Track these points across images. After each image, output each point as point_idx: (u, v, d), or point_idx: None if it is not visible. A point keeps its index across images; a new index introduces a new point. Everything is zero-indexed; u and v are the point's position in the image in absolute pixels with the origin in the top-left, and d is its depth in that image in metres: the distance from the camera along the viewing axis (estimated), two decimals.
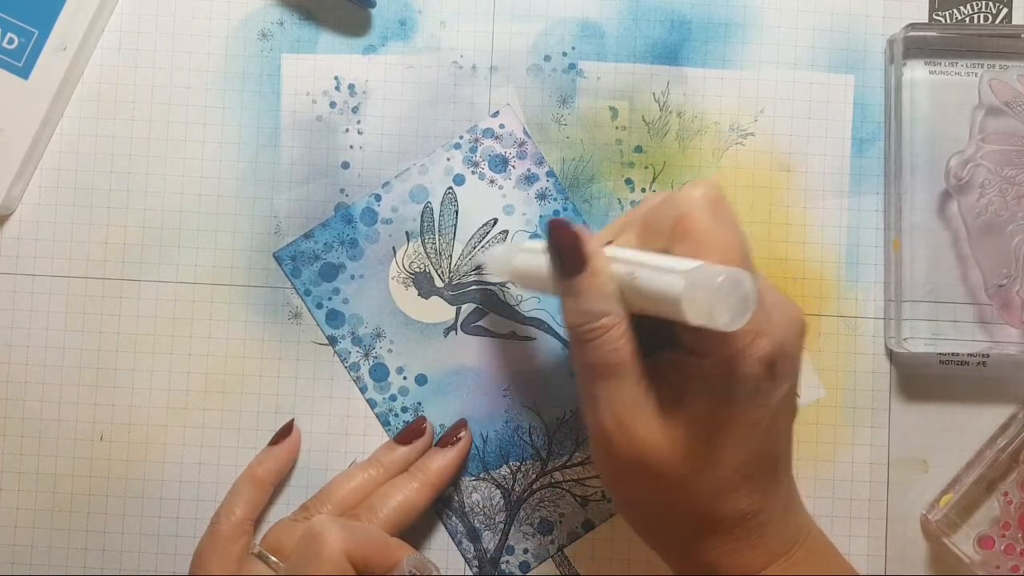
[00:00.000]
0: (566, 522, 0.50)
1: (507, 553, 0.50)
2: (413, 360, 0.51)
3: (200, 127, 0.51)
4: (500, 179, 0.51)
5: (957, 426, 0.51)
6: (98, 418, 0.51)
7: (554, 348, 0.51)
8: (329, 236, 0.51)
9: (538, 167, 0.51)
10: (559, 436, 0.51)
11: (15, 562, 0.50)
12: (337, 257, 0.51)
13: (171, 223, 0.51)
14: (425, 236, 0.51)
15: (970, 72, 0.51)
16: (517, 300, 0.51)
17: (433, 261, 0.51)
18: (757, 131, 0.52)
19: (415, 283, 0.51)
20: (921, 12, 0.52)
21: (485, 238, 0.51)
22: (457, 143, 0.51)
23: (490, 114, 0.51)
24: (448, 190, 0.51)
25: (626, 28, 0.52)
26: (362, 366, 0.51)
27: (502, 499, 0.50)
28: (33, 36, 0.49)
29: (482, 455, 0.50)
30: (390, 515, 0.47)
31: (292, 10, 0.52)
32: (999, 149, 0.50)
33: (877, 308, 0.51)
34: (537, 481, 0.50)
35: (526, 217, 0.51)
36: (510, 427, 0.51)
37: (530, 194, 0.51)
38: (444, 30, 0.51)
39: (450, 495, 0.50)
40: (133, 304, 0.51)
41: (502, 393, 0.51)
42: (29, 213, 0.51)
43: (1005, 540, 0.50)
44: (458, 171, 0.51)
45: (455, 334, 0.51)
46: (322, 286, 0.51)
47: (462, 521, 0.50)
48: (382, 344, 0.51)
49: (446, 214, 0.51)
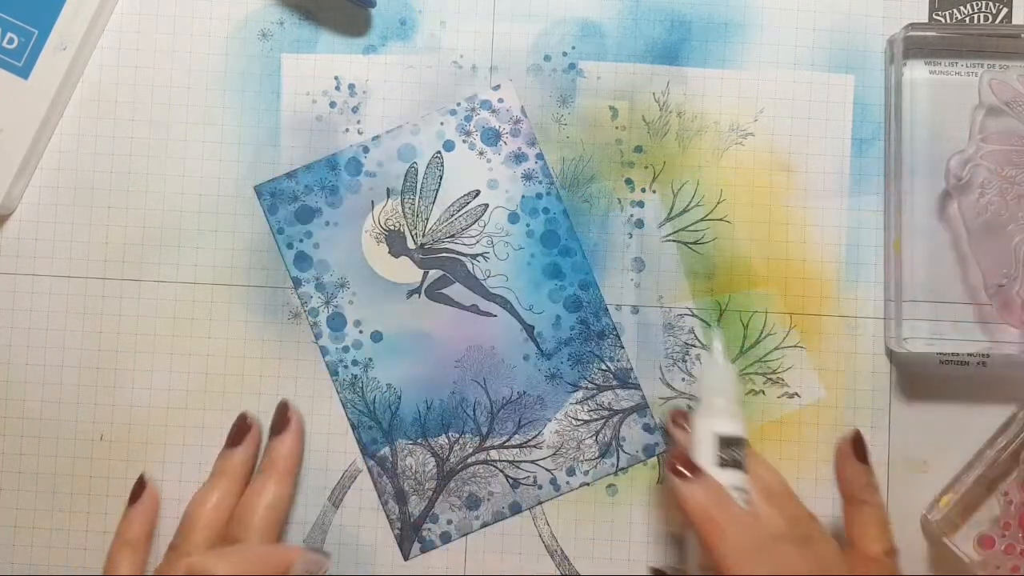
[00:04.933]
0: (494, 501, 0.51)
1: (431, 521, 0.50)
2: (372, 316, 0.51)
3: (200, 127, 0.51)
4: (490, 152, 0.51)
5: (957, 426, 0.51)
6: (98, 418, 0.51)
7: (513, 328, 0.51)
8: (311, 179, 0.51)
9: (529, 148, 0.51)
10: (502, 416, 0.51)
11: (15, 562, 0.50)
12: (316, 201, 0.51)
13: (171, 223, 0.51)
14: (405, 196, 0.51)
15: (970, 72, 0.51)
16: (484, 275, 0.51)
17: (409, 221, 0.51)
18: (757, 131, 0.52)
19: (387, 240, 0.51)
20: (921, 12, 0.52)
21: (464, 208, 0.51)
22: (453, 110, 0.51)
23: (491, 86, 0.51)
24: (436, 154, 0.51)
25: (626, 28, 0.52)
26: (321, 312, 0.51)
27: (435, 467, 0.51)
28: (33, 36, 0.49)
29: (423, 420, 0.51)
30: (264, 521, 0.47)
31: (292, 10, 0.52)
32: (999, 149, 0.50)
33: (877, 308, 0.51)
34: (473, 456, 0.51)
35: (508, 195, 0.51)
36: (455, 398, 0.51)
37: (516, 172, 0.51)
38: (444, 30, 0.51)
39: (384, 455, 0.50)
40: (133, 304, 0.51)
41: (454, 364, 0.51)
42: (29, 213, 0.51)
43: (1005, 540, 0.50)
44: (449, 137, 0.51)
45: (418, 297, 0.51)
46: (296, 227, 0.51)
47: (392, 481, 0.50)
48: (344, 295, 0.51)
49: (430, 177, 0.51)
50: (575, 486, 0.51)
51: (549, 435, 0.51)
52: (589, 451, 0.51)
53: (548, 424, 0.51)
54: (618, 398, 0.51)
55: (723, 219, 0.51)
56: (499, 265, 0.51)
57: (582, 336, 0.51)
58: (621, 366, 0.51)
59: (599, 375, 0.51)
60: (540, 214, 0.51)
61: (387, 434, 0.50)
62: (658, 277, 0.51)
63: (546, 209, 0.51)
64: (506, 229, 0.51)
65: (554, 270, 0.51)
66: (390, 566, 0.50)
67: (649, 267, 0.51)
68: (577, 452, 0.51)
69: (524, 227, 0.51)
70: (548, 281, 0.51)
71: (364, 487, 0.51)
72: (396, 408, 0.51)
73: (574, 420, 0.51)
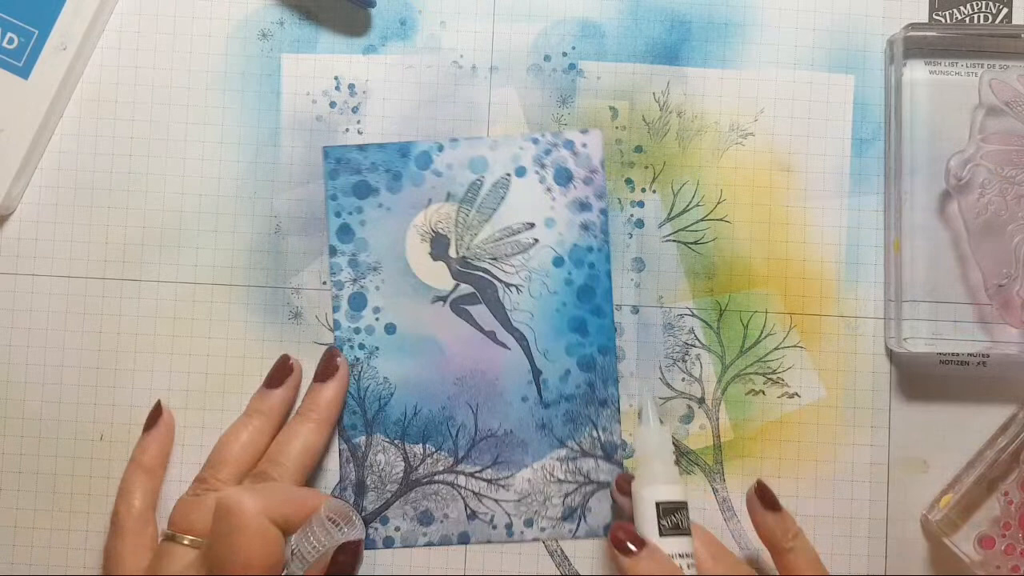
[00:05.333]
0: (446, 524, 0.50)
1: (380, 522, 0.50)
2: (393, 308, 0.51)
3: (200, 127, 0.51)
4: (557, 191, 0.51)
5: (957, 426, 0.51)
6: (98, 418, 0.51)
7: (522, 367, 0.51)
8: (380, 158, 0.51)
9: (597, 200, 0.51)
10: (482, 446, 0.50)
11: (15, 562, 0.50)
12: (377, 181, 0.51)
13: (171, 223, 0.51)
14: (463, 205, 0.51)
15: (970, 72, 0.51)
16: (512, 306, 0.51)
17: (458, 230, 0.51)
18: (757, 131, 0.52)
19: (432, 241, 0.51)
20: (921, 12, 0.52)
21: (515, 235, 0.51)
22: (536, 138, 0.51)
23: (580, 130, 0.51)
24: (506, 175, 0.51)
25: (626, 28, 0.52)
26: (346, 287, 0.51)
27: (403, 472, 0.50)
28: (33, 36, 0.49)
29: (406, 423, 0.50)
30: (296, 463, 0.47)
31: (292, 10, 0.52)
32: (999, 149, 0.50)
33: (877, 308, 0.51)
34: (442, 474, 0.50)
35: (561, 237, 0.51)
36: (444, 413, 0.50)
37: (576, 219, 0.51)
38: (444, 30, 0.51)
39: (359, 443, 0.50)
40: (133, 304, 0.51)
41: (454, 380, 0.51)
42: (29, 213, 0.51)
43: (1005, 540, 0.50)
44: (524, 163, 0.51)
45: (442, 305, 0.51)
46: (350, 199, 0.51)
47: (357, 471, 0.50)
48: (373, 279, 0.51)
49: (493, 196, 0.51)
50: (527, 538, 0.50)
51: (521, 481, 0.50)
52: (553, 509, 0.50)
53: (523, 470, 0.50)
54: (598, 469, 0.50)
55: (723, 219, 0.51)
56: (529, 302, 0.51)
57: (585, 397, 0.51)
58: (612, 440, 0.50)
59: (588, 441, 0.50)
60: (585, 267, 0.51)
61: (368, 425, 0.50)
62: (658, 277, 0.51)
63: (592, 264, 0.51)
64: (548, 270, 0.51)
65: (579, 325, 0.51)
66: None
67: (649, 267, 0.51)
68: (541, 506, 0.50)
69: (565, 274, 0.51)
70: (570, 334, 0.51)
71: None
72: (385, 403, 0.50)
73: (549, 475, 0.50)
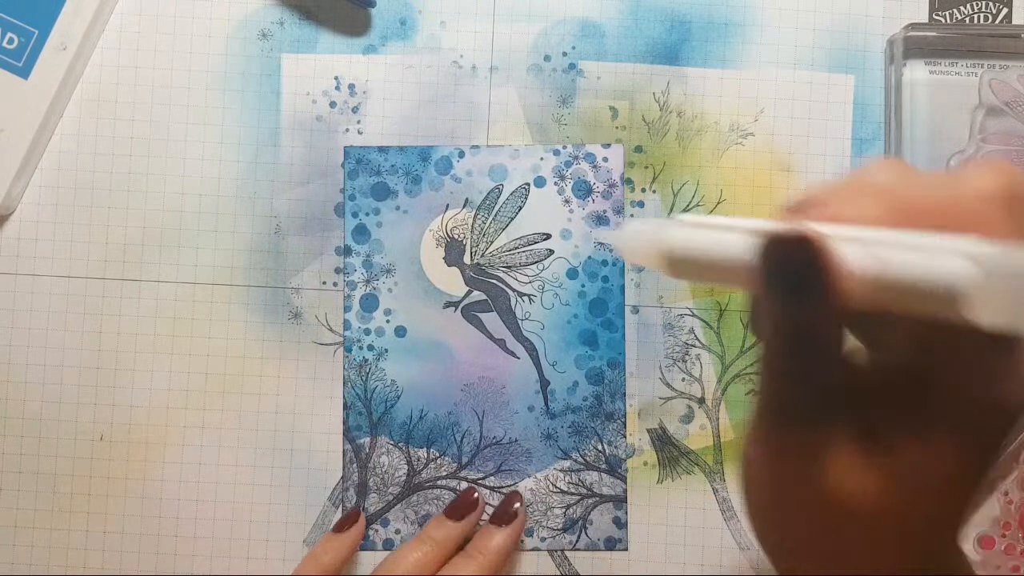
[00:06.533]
0: None
1: (380, 524, 0.50)
2: (404, 311, 0.51)
3: (200, 127, 0.51)
4: (576, 203, 0.51)
5: None
6: (98, 418, 0.51)
7: (530, 376, 0.51)
8: (400, 161, 0.51)
9: (615, 215, 0.51)
10: (486, 453, 0.50)
11: (15, 562, 0.50)
12: (395, 183, 0.51)
13: (171, 223, 0.51)
14: (480, 212, 0.51)
15: (970, 72, 0.51)
16: (524, 316, 0.51)
17: (474, 237, 0.51)
18: (757, 131, 0.52)
19: (447, 246, 0.51)
20: (921, 12, 0.52)
21: (530, 245, 0.51)
22: (558, 150, 0.51)
23: (603, 144, 0.51)
24: (525, 185, 0.51)
25: (626, 28, 0.52)
26: (359, 288, 0.51)
27: (406, 475, 0.50)
28: (33, 36, 0.49)
29: (411, 427, 0.50)
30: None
31: (292, 10, 0.52)
32: (999, 149, 0.50)
33: None
34: (445, 479, 0.50)
35: (577, 250, 0.51)
36: (450, 419, 0.51)
37: (592, 233, 0.51)
38: (444, 30, 0.51)
39: (363, 444, 0.50)
40: (133, 304, 0.51)
41: (461, 386, 0.51)
42: (29, 213, 0.51)
43: (1005, 540, 0.50)
44: (543, 174, 0.51)
45: (453, 311, 0.51)
46: (368, 199, 0.51)
47: (360, 472, 0.50)
48: (386, 281, 0.51)
49: (510, 204, 0.51)
50: (526, 548, 0.50)
51: (523, 490, 0.50)
52: (554, 520, 0.50)
53: (526, 479, 0.50)
54: (601, 482, 0.50)
55: None
56: (541, 312, 0.51)
57: (592, 410, 0.51)
58: (616, 454, 0.50)
59: (592, 453, 0.50)
60: (599, 280, 0.51)
61: (373, 426, 0.50)
62: (658, 277, 0.51)
63: (606, 278, 0.51)
64: (561, 281, 0.51)
65: (590, 338, 0.51)
66: None
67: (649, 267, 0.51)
68: (543, 516, 0.50)
69: (579, 286, 0.51)
70: (581, 346, 0.51)
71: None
72: (391, 405, 0.50)
73: (552, 486, 0.50)
